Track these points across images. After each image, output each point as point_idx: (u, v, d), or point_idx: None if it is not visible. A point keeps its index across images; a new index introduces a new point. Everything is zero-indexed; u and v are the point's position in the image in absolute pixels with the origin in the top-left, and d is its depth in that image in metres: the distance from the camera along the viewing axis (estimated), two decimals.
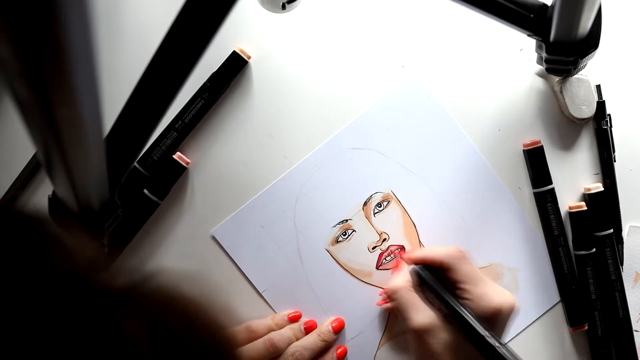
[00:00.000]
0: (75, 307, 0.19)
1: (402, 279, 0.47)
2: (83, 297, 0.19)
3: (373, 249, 0.51)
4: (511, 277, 0.51)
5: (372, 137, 0.51)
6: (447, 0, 0.45)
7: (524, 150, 0.51)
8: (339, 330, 0.50)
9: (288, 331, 0.50)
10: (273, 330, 0.50)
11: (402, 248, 0.51)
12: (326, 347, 0.50)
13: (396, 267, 0.51)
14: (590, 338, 0.51)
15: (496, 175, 0.52)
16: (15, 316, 0.18)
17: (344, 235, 0.51)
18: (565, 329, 0.52)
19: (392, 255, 0.51)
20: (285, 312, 0.51)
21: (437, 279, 0.46)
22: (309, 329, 0.50)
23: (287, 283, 0.51)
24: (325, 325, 0.50)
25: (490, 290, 0.44)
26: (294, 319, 0.51)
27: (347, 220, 0.51)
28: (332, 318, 0.51)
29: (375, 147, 0.51)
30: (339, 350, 0.50)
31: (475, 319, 0.42)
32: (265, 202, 0.51)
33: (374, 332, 0.51)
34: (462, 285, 0.44)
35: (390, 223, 0.51)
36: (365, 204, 0.51)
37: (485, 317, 0.42)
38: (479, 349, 0.41)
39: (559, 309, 0.52)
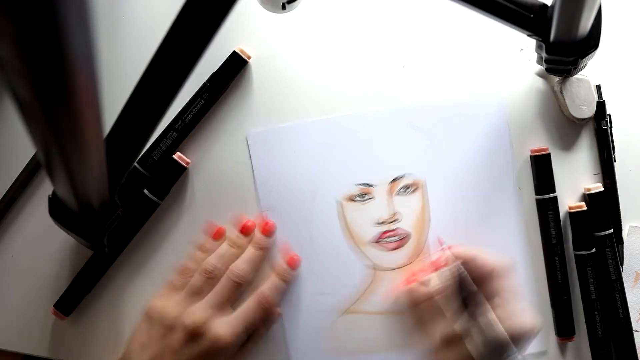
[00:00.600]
0: None
1: (447, 279, 0.45)
2: None
3: (379, 223, 0.51)
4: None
5: (434, 125, 0.51)
6: (447, 0, 0.45)
7: (530, 156, 0.51)
8: (269, 233, 0.49)
9: (219, 250, 0.49)
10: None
11: (406, 236, 0.51)
12: (266, 254, 0.49)
13: (437, 263, 0.48)
14: (590, 338, 0.51)
15: (522, 209, 0.52)
16: None
17: (361, 197, 0.51)
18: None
19: (397, 237, 0.51)
20: (207, 236, 0.50)
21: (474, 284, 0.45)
22: (244, 230, 0.49)
23: (289, 214, 0.51)
24: (258, 235, 0.49)
25: (523, 310, 0.44)
26: (218, 236, 0.50)
27: (371, 185, 0.51)
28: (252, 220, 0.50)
29: (431, 136, 0.51)
30: (292, 259, 0.50)
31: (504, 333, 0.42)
32: (309, 131, 0.51)
33: (344, 298, 0.51)
34: (504, 296, 0.44)
35: (408, 208, 0.51)
36: (394, 179, 0.51)
37: (514, 334, 0.42)
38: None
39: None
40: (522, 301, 0.45)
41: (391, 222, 0.51)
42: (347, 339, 0.51)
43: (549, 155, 0.51)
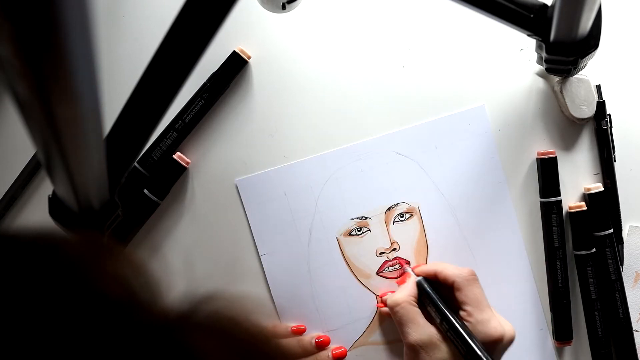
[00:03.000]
0: (140, 337, 0.19)
1: (406, 292, 0.47)
2: (145, 326, 0.19)
3: (380, 254, 0.51)
4: None
5: (419, 149, 0.52)
6: (447, 0, 0.45)
7: (537, 159, 0.51)
8: (339, 358, 0.50)
9: (288, 342, 0.49)
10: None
11: (408, 263, 0.51)
12: None
13: (402, 279, 0.50)
14: (590, 338, 0.51)
15: (518, 224, 0.52)
16: (76, 352, 0.18)
17: (359, 231, 0.51)
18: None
19: (395, 266, 0.51)
20: (288, 325, 0.51)
21: (442, 297, 0.46)
22: (319, 344, 0.50)
23: (288, 256, 0.51)
24: (325, 352, 0.50)
25: (493, 318, 0.44)
26: (296, 332, 0.51)
27: (366, 218, 0.51)
28: (323, 334, 0.51)
29: (418, 160, 0.52)
30: (338, 351, 0.50)
31: (475, 340, 0.42)
32: (296, 172, 0.51)
33: (351, 332, 0.51)
34: (468, 308, 0.45)
35: (406, 236, 0.51)
36: (389, 209, 0.51)
37: (484, 343, 0.43)
38: None
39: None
40: (487, 310, 0.45)
41: (390, 252, 0.51)
42: None
43: (555, 158, 0.51)
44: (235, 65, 0.51)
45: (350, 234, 0.51)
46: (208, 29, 0.32)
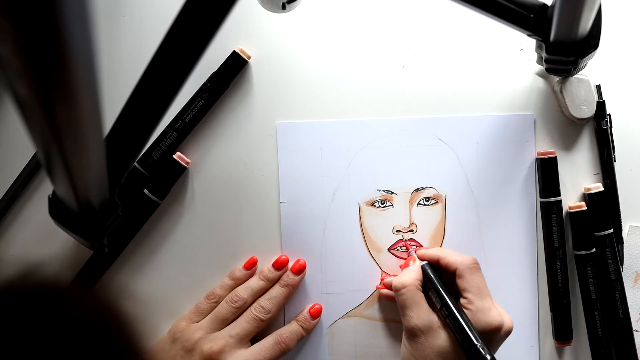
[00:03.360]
0: None
1: (411, 276, 0.47)
2: None
3: (397, 232, 0.51)
4: None
5: (461, 140, 0.52)
6: (447, 0, 0.45)
7: (537, 159, 0.51)
8: (299, 271, 0.50)
9: (249, 282, 0.50)
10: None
11: (420, 246, 0.51)
12: (291, 292, 0.50)
13: (406, 262, 0.50)
14: (590, 338, 0.51)
15: (537, 238, 0.52)
16: None
17: (382, 204, 0.51)
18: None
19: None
20: (240, 265, 0.50)
21: (444, 284, 0.46)
22: (277, 265, 0.50)
23: (307, 210, 0.51)
24: (285, 273, 0.50)
25: (493, 307, 0.44)
26: (249, 266, 0.50)
27: (392, 193, 0.51)
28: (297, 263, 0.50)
29: (457, 151, 0.52)
30: (314, 308, 0.50)
31: (472, 329, 0.42)
32: (338, 130, 0.51)
33: (349, 301, 0.51)
34: (468, 295, 0.45)
35: (426, 220, 0.52)
36: (416, 190, 0.51)
37: (482, 332, 0.43)
38: (470, 358, 0.41)
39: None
40: (488, 299, 0.45)
41: (407, 232, 0.51)
42: (345, 341, 0.51)
43: (555, 158, 0.51)
44: (235, 65, 0.51)
45: (372, 204, 0.51)
46: (208, 28, 0.32)
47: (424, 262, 0.48)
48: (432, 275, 0.47)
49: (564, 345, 0.51)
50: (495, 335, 0.43)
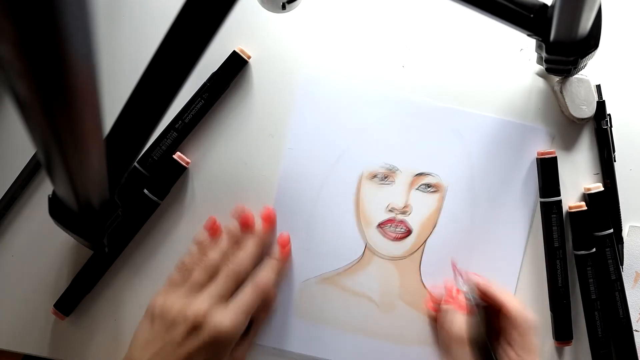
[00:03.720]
0: None
1: (468, 325, 0.46)
2: None
3: (390, 210, 0.51)
4: None
5: (474, 137, 0.52)
6: (447, 0, 0.45)
7: (537, 159, 0.51)
8: (270, 227, 0.50)
9: (220, 244, 0.49)
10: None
11: (409, 231, 0.51)
12: (263, 248, 0.49)
13: (450, 287, 0.50)
14: (590, 338, 0.51)
15: (524, 250, 0.52)
16: None
17: (383, 178, 0.51)
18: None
19: (397, 228, 0.51)
20: (201, 230, 0.50)
21: (489, 324, 0.46)
22: (243, 224, 0.50)
23: (309, 165, 0.51)
24: (257, 227, 0.50)
25: None
26: (214, 232, 0.50)
27: (396, 170, 0.51)
28: (265, 210, 0.50)
29: (470, 146, 0.52)
30: (282, 238, 0.50)
31: None
32: (362, 94, 0.51)
33: (327, 264, 0.51)
34: (520, 352, 0.44)
35: (421, 206, 0.51)
36: (420, 174, 0.51)
37: None
38: None
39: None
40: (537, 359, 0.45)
41: (400, 212, 0.51)
42: (315, 305, 0.51)
43: (555, 158, 0.51)
44: (235, 65, 0.51)
45: (374, 177, 0.51)
46: (208, 28, 0.32)
47: (480, 302, 0.47)
48: (490, 351, 0.45)
49: (564, 345, 0.51)
50: None
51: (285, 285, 0.51)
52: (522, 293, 0.52)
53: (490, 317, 0.46)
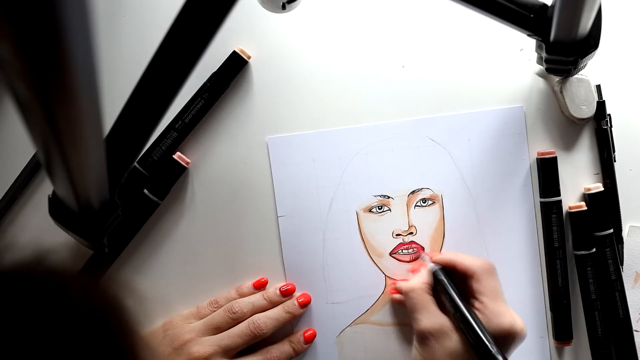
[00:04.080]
0: None
1: (420, 280, 0.47)
2: None
3: (396, 235, 0.51)
4: None
5: (452, 138, 0.52)
6: (447, 0, 0.45)
7: (537, 159, 0.51)
8: (305, 305, 0.50)
9: (251, 298, 0.49)
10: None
11: (422, 249, 0.51)
12: (291, 319, 0.50)
13: (416, 268, 0.50)
14: (590, 338, 0.51)
15: (537, 228, 0.52)
16: None
17: (379, 209, 0.51)
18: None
19: (409, 250, 0.51)
20: (250, 282, 0.50)
21: (457, 287, 0.46)
22: (284, 292, 0.50)
23: (305, 222, 0.51)
24: (291, 300, 0.50)
25: (507, 310, 0.44)
26: (259, 286, 0.50)
27: (388, 197, 0.51)
28: (300, 293, 0.51)
29: (450, 149, 0.52)
30: (308, 333, 0.50)
31: (486, 332, 0.42)
32: (329, 140, 0.51)
33: (355, 308, 0.51)
34: (482, 297, 0.44)
35: (424, 221, 0.52)
36: (412, 192, 0.51)
37: (495, 335, 0.43)
38: None
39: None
40: (502, 303, 0.45)
41: (407, 235, 0.51)
42: (356, 349, 0.51)
43: (555, 158, 0.51)
44: (235, 65, 0.51)
45: (370, 211, 0.51)
46: (208, 28, 0.32)
47: (436, 267, 0.48)
48: (444, 279, 0.46)
49: (564, 345, 0.51)
50: (508, 340, 0.43)
51: (324, 343, 0.51)
52: (522, 293, 0.52)
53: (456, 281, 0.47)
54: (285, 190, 0.51)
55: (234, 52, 0.51)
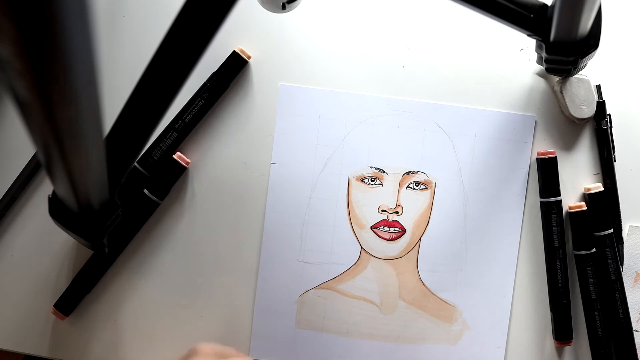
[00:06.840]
0: None
1: None
2: None
3: (382, 211, 0.51)
4: (462, 325, 0.52)
5: (459, 130, 0.52)
6: (447, 0, 0.45)
7: (537, 159, 0.51)
8: None
9: None
10: None
11: (404, 231, 0.51)
12: None
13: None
14: (590, 338, 0.51)
15: (518, 239, 0.52)
16: None
17: (372, 181, 0.51)
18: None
19: (390, 229, 0.51)
20: None
21: None
22: None
23: (296, 176, 0.51)
24: None
25: None
26: None
27: (383, 172, 0.51)
28: None
29: (454, 140, 0.52)
30: None
31: None
32: (339, 101, 0.51)
33: (324, 272, 0.51)
34: None
35: (412, 205, 0.51)
36: (408, 173, 0.51)
37: None
38: None
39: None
40: None
41: (392, 213, 0.51)
42: (314, 313, 0.51)
43: (555, 158, 0.51)
44: (235, 65, 0.51)
45: (362, 180, 0.51)
46: (208, 28, 0.32)
47: None
48: None
49: (564, 345, 0.51)
50: None
51: (284, 299, 0.51)
52: (522, 293, 0.52)
53: None
54: (284, 139, 0.51)
55: (234, 52, 0.51)
